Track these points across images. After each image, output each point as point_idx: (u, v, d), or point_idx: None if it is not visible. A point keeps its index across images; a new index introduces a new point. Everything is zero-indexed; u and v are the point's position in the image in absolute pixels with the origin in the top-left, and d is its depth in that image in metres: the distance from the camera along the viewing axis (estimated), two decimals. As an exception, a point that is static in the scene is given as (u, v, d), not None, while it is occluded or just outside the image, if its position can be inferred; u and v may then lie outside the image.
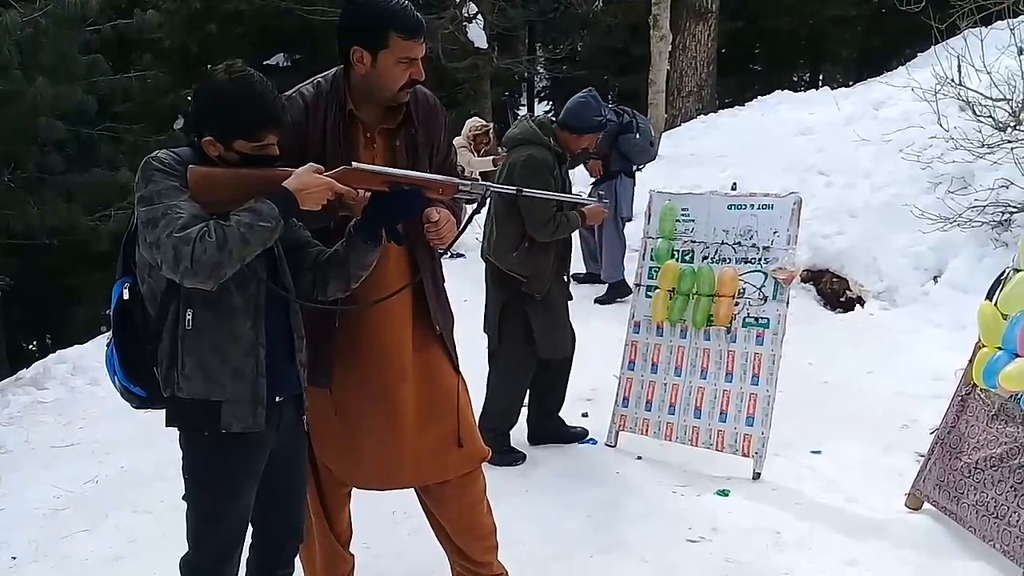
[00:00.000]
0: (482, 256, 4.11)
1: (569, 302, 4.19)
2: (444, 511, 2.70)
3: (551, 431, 4.27)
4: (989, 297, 3.13)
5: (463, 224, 2.48)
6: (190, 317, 2.05)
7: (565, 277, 4.14)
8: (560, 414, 4.33)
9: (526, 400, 4.26)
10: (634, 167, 6.75)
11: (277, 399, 2.18)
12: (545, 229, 3.87)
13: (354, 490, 2.77)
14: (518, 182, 3.71)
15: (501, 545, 2.82)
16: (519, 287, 3.94)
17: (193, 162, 2.08)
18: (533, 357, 4.05)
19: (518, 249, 3.90)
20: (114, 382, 2.20)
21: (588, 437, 4.30)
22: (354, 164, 2.15)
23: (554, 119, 4.15)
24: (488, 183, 2.35)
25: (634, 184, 6.79)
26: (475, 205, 2.35)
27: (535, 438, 4.26)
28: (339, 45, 2.41)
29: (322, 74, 2.48)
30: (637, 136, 6.48)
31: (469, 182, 2.26)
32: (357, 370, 2.50)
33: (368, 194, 2.15)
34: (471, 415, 2.72)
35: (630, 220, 6.85)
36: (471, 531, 2.73)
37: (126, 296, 2.14)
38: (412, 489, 2.75)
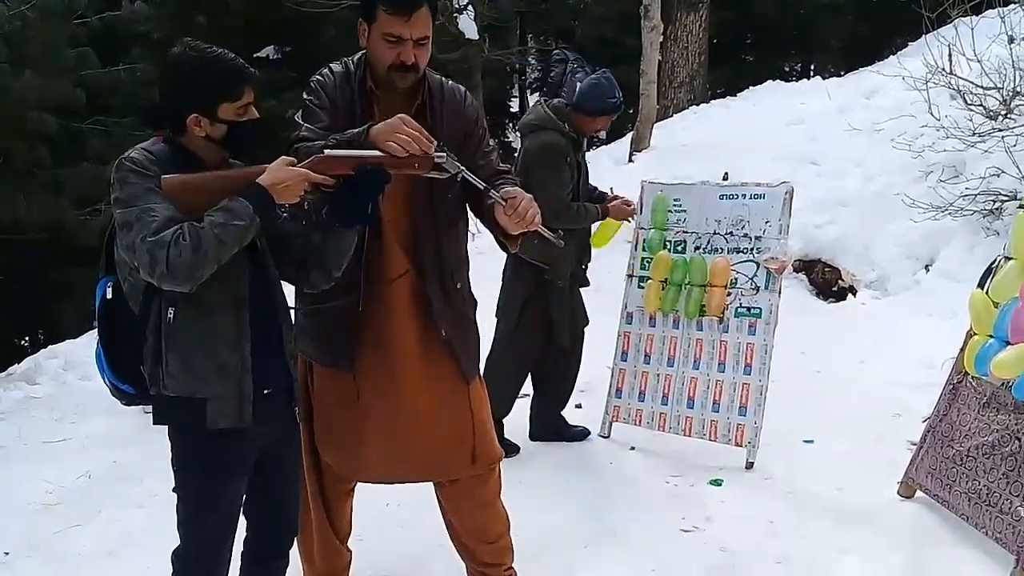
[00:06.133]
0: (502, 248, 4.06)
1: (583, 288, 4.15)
2: (455, 511, 2.70)
3: (553, 430, 4.22)
4: (980, 285, 3.14)
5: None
6: (172, 314, 2.04)
7: (584, 267, 4.12)
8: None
9: (527, 397, 4.23)
10: None
11: (265, 392, 2.17)
12: (558, 220, 3.67)
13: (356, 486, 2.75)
14: (532, 169, 3.71)
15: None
16: (541, 275, 3.89)
17: (168, 158, 2.06)
18: (539, 347, 4.02)
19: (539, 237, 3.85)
20: (103, 379, 2.19)
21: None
22: (326, 152, 2.12)
23: (568, 103, 3.98)
24: (460, 165, 2.24)
25: None
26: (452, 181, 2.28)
27: (536, 436, 4.21)
28: None
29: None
30: None
31: (444, 155, 2.19)
32: (362, 358, 2.49)
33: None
34: (487, 418, 2.66)
35: None
36: (480, 533, 2.72)
37: (109, 295, 2.13)
38: (411, 484, 2.74)
